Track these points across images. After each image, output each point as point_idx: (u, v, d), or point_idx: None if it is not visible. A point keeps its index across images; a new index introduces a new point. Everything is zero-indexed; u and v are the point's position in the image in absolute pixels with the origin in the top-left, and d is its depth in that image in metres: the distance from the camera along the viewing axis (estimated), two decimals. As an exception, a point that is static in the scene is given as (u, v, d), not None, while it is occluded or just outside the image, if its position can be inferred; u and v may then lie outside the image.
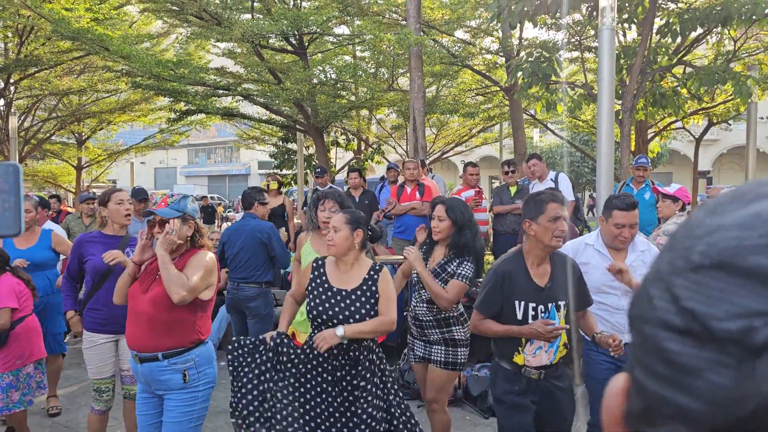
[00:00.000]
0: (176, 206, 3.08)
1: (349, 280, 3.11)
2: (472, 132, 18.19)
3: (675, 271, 0.41)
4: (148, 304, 2.97)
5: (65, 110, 18.22)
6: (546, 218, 2.87)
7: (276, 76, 11.16)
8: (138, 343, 3.01)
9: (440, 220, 3.60)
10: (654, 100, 9.19)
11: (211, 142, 48.85)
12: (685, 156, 30.69)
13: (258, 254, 5.03)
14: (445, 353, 3.61)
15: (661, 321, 0.41)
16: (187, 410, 3.01)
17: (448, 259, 3.59)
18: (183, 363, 3.00)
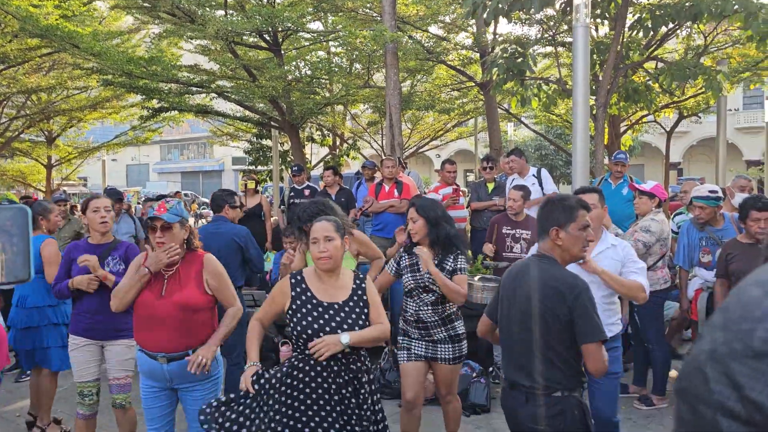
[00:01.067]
0: (175, 211, 3.21)
1: (337, 292, 2.93)
2: (447, 127, 18.26)
3: (734, 356, 0.41)
4: (174, 309, 3.14)
5: (34, 108, 17.82)
6: (577, 226, 2.65)
7: (251, 73, 11.05)
8: (168, 346, 3.17)
9: (414, 221, 3.68)
10: (627, 95, 9.31)
11: (184, 138, 48.27)
12: (657, 148, 31.18)
13: (233, 259, 4.85)
14: (452, 350, 3.75)
15: (720, 406, 0.40)
16: (212, 396, 3.25)
17: (441, 258, 3.69)
18: None
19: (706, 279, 4.95)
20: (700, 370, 0.43)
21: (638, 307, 5.03)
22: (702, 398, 0.41)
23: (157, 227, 3.19)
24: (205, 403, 3.01)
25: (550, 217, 2.70)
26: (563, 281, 2.57)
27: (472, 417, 4.85)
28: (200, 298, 3.22)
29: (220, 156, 46.71)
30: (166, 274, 3.24)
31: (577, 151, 5.97)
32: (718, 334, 0.43)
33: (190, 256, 3.32)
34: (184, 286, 3.21)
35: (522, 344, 2.63)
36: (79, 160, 21.85)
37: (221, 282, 3.31)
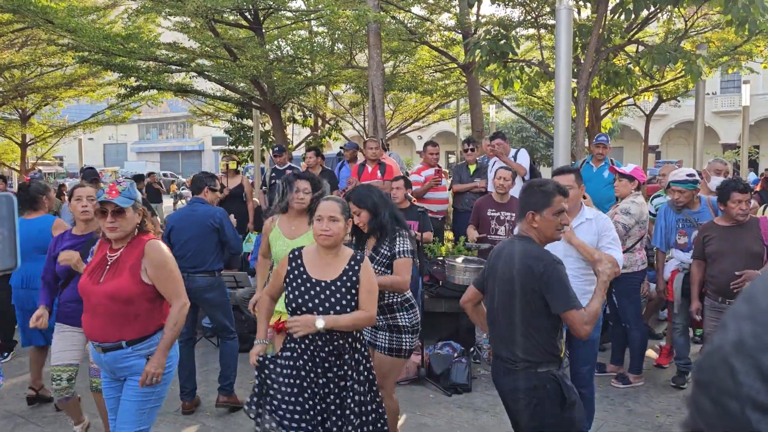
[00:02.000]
0: (128, 194, 3.02)
1: (329, 270, 2.97)
2: (430, 108, 18.20)
3: (764, 348, 0.39)
4: (104, 298, 2.95)
5: (7, 85, 17.41)
6: (551, 211, 2.79)
7: (231, 52, 10.90)
8: (99, 334, 2.99)
9: (357, 214, 3.54)
10: (608, 78, 9.36)
11: (163, 117, 47.60)
12: (636, 131, 31.46)
13: (209, 241, 4.71)
14: (389, 339, 3.58)
15: (750, 400, 0.38)
16: (147, 391, 3.01)
17: (377, 243, 3.57)
18: (147, 348, 3.02)
19: (682, 260, 5.04)
20: (725, 362, 0.41)
21: (616, 287, 5.11)
22: (728, 391, 0.40)
23: (108, 211, 2.98)
24: (140, 394, 2.99)
25: (528, 201, 2.84)
26: (533, 257, 2.73)
27: (454, 396, 4.91)
28: (133, 288, 2.96)
29: (200, 136, 46.19)
30: (110, 258, 3.05)
31: (559, 134, 6.00)
32: (745, 325, 0.41)
33: (136, 241, 3.07)
34: (119, 274, 2.98)
35: (502, 318, 2.81)
36: (54, 138, 21.45)
37: (161, 272, 3.01)
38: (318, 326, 2.79)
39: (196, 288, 4.62)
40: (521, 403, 2.75)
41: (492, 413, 4.61)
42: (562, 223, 2.83)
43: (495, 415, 4.57)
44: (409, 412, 4.59)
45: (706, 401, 0.41)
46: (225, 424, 4.55)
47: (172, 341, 3.03)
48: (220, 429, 4.46)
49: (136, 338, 2.99)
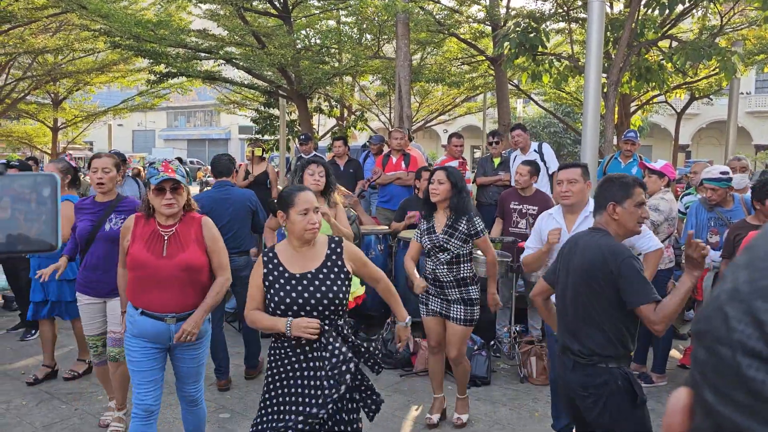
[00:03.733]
0: (181, 172, 3.19)
1: (309, 262, 2.82)
2: (456, 101, 18.10)
3: (758, 293, 0.39)
4: (178, 270, 3.14)
5: (40, 69, 17.72)
6: (632, 203, 2.76)
7: (260, 40, 10.94)
8: (177, 306, 3.18)
9: (440, 182, 3.93)
10: (639, 74, 9.19)
11: (191, 105, 48.05)
12: (665, 129, 30.93)
13: (246, 224, 4.87)
14: (464, 311, 3.95)
15: (742, 346, 0.38)
16: (196, 355, 3.33)
17: (454, 219, 3.92)
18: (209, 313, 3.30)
19: (713, 259, 4.94)
20: (720, 310, 0.41)
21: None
22: (721, 338, 0.40)
23: (166, 189, 3.11)
24: (203, 356, 3.33)
25: (607, 193, 2.82)
26: (609, 249, 2.69)
27: (473, 389, 4.87)
28: (202, 258, 3.23)
29: (226, 124, 46.52)
30: (166, 234, 3.19)
31: (587, 129, 5.92)
32: (741, 273, 0.41)
33: (188, 218, 3.27)
34: (186, 246, 3.18)
35: (574, 311, 2.78)
36: (85, 123, 21.81)
37: (218, 245, 3.30)
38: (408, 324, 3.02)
39: (235, 267, 4.69)
40: (590, 399, 2.69)
41: (510, 407, 4.58)
42: (642, 215, 2.80)
43: (513, 409, 4.54)
44: (427, 402, 4.57)
45: (701, 350, 0.41)
46: (245, 405, 4.59)
47: (212, 307, 3.25)
48: (240, 411, 4.50)
49: (191, 309, 3.21)
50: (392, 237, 6.04)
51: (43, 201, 0.90)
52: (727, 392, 0.39)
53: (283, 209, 2.81)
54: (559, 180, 3.81)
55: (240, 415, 4.43)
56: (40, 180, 0.89)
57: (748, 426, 0.37)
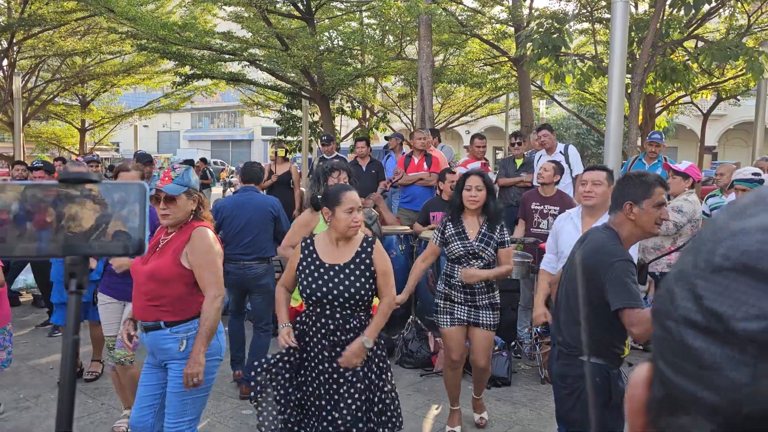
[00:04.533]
0: (181, 180, 3.01)
1: (341, 254, 3.04)
2: (478, 102, 18.05)
3: (698, 272, 0.43)
4: (145, 277, 2.99)
5: (69, 71, 18.07)
6: (651, 203, 2.65)
7: (283, 42, 11.04)
8: (142, 314, 3.03)
9: (478, 189, 3.82)
10: (664, 75, 9.10)
11: (215, 106, 48.52)
12: (691, 131, 30.48)
13: (267, 230, 4.78)
14: (493, 316, 3.93)
15: (684, 318, 0.43)
16: (199, 391, 2.98)
17: (489, 228, 3.87)
18: (185, 332, 3.00)
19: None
20: (669, 290, 0.45)
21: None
22: (669, 314, 0.44)
23: (161, 198, 2.99)
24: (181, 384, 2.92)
25: (625, 191, 2.71)
26: (607, 251, 2.64)
27: (493, 389, 4.88)
28: (171, 269, 2.96)
29: (250, 125, 46.91)
30: (162, 242, 3.08)
31: (611, 131, 5.89)
32: (688, 257, 0.46)
33: (187, 227, 3.05)
34: (162, 255, 3.01)
35: (566, 304, 2.78)
36: (111, 124, 22.15)
37: (202, 259, 2.97)
38: (367, 347, 2.94)
39: (254, 275, 4.72)
40: (565, 390, 2.71)
41: (531, 408, 4.58)
42: (662, 217, 2.69)
43: (534, 410, 4.54)
44: (447, 402, 4.59)
45: (656, 326, 0.46)
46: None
47: (208, 338, 2.91)
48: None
49: (173, 320, 2.98)
50: (414, 237, 6.06)
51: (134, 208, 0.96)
52: (677, 362, 0.43)
53: (329, 206, 3.03)
54: (584, 180, 3.80)
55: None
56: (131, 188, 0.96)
57: (694, 391, 0.41)
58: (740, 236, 0.42)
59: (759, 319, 0.39)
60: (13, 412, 4.45)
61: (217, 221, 4.76)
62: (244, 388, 4.73)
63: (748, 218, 0.43)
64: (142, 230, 0.94)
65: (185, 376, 2.85)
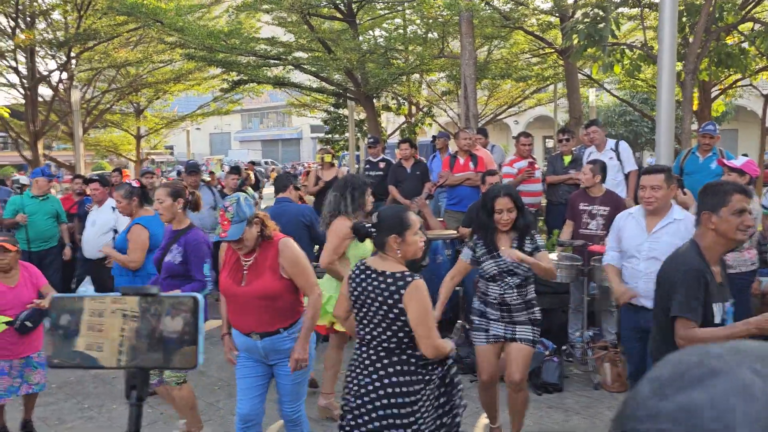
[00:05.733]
0: (237, 218, 3.17)
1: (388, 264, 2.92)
2: (525, 93, 17.75)
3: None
4: (253, 298, 3.26)
5: (123, 81, 18.69)
6: (729, 211, 2.66)
7: (326, 46, 11.12)
8: (259, 326, 3.31)
9: (510, 211, 3.70)
10: (719, 60, 8.73)
11: (264, 107, 49.31)
12: (753, 112, 29.16)
13: (301, 238, 4.73)
14: (532, 332, 3.84)
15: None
16: (304, 371, 3.39)
17: (519, 241, 3.79)
18: (297, 332, 3.35)
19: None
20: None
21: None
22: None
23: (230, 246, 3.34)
24: (298, 375, 3.37)
25: (702, 202, 2.77)
26: (678, 258, 2.76)
27: (544, 396, 4.83)
28: (277, 285, 3.26)
29: (298, 124, 47.48)
30: (246, 263, 3.31)
31: (661, 122, 5.68)
32: (612, 427, 0.49)
33: (267, 245, 3.32)
34: (261, 275, 3.26)
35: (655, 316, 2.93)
36: (165, 130, 22.80)
37: (297, 268, 3.29)
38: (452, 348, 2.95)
39: None
40: None
41: (584, 415, 4.50)
42: (745, 224, 2.67)
43: (587, 417, 4.46)
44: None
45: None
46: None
47: (311, 329, 3.36)
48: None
49: (289, 324, 3.34)
50: (460, 242, 6.03)
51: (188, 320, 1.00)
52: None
53: (398, 232, 2.87)
54: (642, 185, 3.76)
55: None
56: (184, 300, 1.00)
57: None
58: (654, 422, 0.45)
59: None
60: (78, 422, 4.66)
61: None
62: None
63: (664, 399, 0.46)
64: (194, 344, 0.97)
65: (294, 361, 3.26)
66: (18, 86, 14.91)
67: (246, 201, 3.27)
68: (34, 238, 7.04)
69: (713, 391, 0.45)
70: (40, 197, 7.21)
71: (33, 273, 4.32)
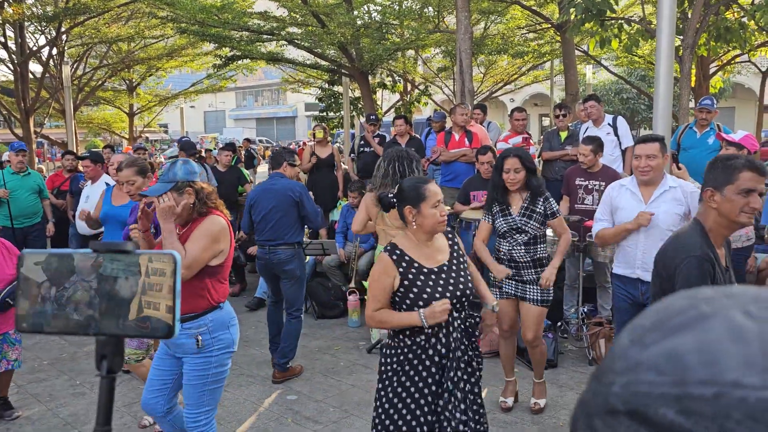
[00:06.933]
0: (166, 178, 2.96)
1: (438, 254, 2.80)
2: (522, 70, 17.61)
3: (595, 410, 0.44)
4: None
5: (115, 57, 18.46)
6: (735, 189, 2.40)
7: (320, 20, 10.95)
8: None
9: (516, 171, 3.84)
10: (718, 35, 8.63)
11: (258, 84, 48.92)
12: (750, 89, 29.06)
13: (289, 214, 4.77)
14: (540, 291, 3.95)
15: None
16: (201, 374, 3.00)
17: (531, 200, 3.91)
18: (196, 328, 2.96)
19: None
20: (574, 420, 0.46)
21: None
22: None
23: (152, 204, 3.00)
24: (194, 378, 2.96)
25: (708, 177, 2.50)
26: (679, 243, 2.54)
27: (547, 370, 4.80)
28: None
29: (293, 102, 47.16)
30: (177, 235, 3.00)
31: (659, 97, 5.59)
32: (592, 384, 0.45)
33: (197, 222, 3.02)
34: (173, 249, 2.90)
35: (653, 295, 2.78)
36: (159, 107, 22.59)
37: (196, 233, 2.95)
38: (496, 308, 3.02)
39: (278, 260, 4.78)
40: None
41: (578, 391, 4.49)
42: (751, 205, 2.41)
43: (581, 392, 4.44)
44: (492, 385, 4.55)
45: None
46: (312, 387, 4.70)
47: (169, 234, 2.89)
48: (306, 393, 4.61)
49: (184, 315, 2.93)
50: (455, 218, 5.97)
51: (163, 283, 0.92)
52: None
53: (413, 204, 2.73)
54: (637, 155, 3.69)
55: (306, 397, 4.54)
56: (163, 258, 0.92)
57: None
58: (635, 373, 0.42)
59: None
60: (69, 398, 4.63)
61: (246, 208, 4.98)
62: (276, 373, 4.83)
63: (645, 348, 0.43)
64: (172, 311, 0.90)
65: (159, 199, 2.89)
66: (7, 62, 14.69)
67: (184, 165, 3.01)
68: (17, 214, 6.94)
69: (701, 336, 0.41)
70: (21, 173, 7.10)
71: (11, 249, 4.24)
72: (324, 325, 6.23)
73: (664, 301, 0.46)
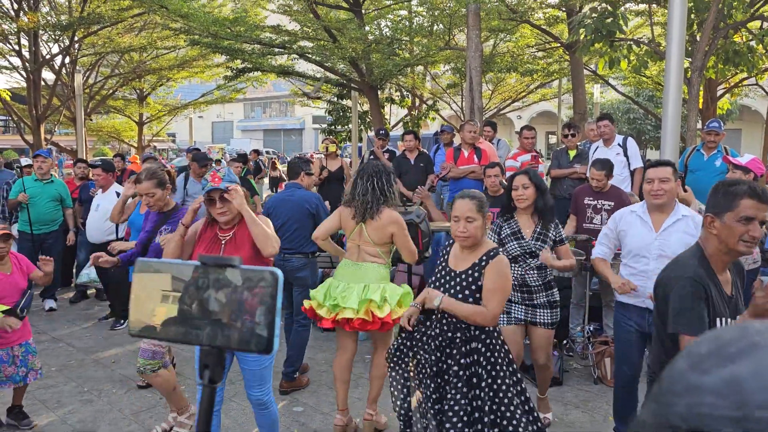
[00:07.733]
0: (229, 179, 3.31)
1: (465, 262, 3.10)
2: (530, 88, 17.70)
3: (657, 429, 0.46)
4: None
5: (127, 67, 18.66)
6: (734, 217, 2.36)
7: (331, 35, 11.07)
8: None
9: (525, 187, 3.89)
10: (726, 58, 8.70)
11: (267, 96, 49.21)
12: (757, 111, 29.08)
13: (305, 225, 4.85)
14: (550, 315, 3.97)
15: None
16: (267, 360, 3.38)
17: (543, 227, 3.93)
18: None
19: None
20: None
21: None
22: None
23: (216, 198, 3.28)
24: (258, 366, 3.35)
25: (710, 202, 2.48)
26: (678, 264, 2.55)
27: (552, 388, 4.81)
28: (255, 259, 3.29)
29: (301, 115, 47.40)
30: (224, 238, 3.35)
31: (668, 118, 5.65)
32: (651, 405, 0.48)
33: (244, 222, 3.36)
34: (240, 248, 3.30)
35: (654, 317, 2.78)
36: (168, 117, 22.77)
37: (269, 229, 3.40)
38: (435, 303, 3.02)
39: (291, 268, 4.85)
40: None
41: (583, 409, 4.50)
42: (751, 233, 2.35)
43: (586, 411, 4.46)
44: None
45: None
46: (318, 399, 4.72)
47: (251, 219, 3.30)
48: (312, 405, 4.63)
49: None
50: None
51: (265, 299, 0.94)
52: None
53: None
54: (650, 179, 3.58)
55: (312, 409, 4.56)
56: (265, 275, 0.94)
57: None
58: (696, 396, 0.45)
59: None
60: (77, 405, 4.66)
61: (263, 214, 5.01)
62: (283, 382, 4.85)
63: (704, 373, 0.46)
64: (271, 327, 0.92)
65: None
66: (21, 69, 14.86)
67: (234, 174, 3.41)
68: (35, 220, 7.04)
69: (757, 364, 0.45)
70: (43, 180, 7.21)
71: (22, 260, 4.30)
72: (330, 337, 6.24)
73: (715, 331, 0.50)
